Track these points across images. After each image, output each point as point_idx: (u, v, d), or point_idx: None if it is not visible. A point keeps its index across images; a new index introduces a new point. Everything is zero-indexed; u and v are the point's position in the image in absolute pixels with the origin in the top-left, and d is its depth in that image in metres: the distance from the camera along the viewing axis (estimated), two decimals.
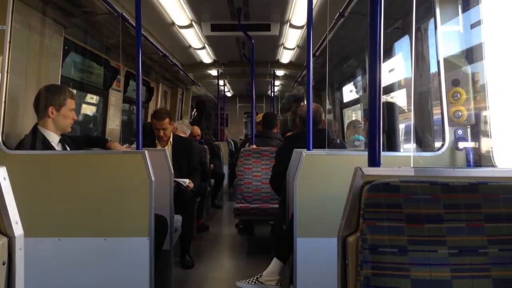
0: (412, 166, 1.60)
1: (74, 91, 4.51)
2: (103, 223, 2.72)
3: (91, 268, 2.70)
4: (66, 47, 4.09)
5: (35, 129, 3.01)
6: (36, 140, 2.98)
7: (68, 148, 3.14)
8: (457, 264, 1.40)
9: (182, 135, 5.29)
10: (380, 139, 1.63)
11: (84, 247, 2.69)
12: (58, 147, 3.05)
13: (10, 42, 2.74)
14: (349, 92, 7.08)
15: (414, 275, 1.39)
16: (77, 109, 3.79)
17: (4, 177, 1.37)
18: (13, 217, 1.37)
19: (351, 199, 1.51)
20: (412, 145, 3.03)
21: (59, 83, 3.80)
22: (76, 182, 2.74)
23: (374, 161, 1.64)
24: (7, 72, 2.74)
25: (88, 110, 5.78)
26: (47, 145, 2.98)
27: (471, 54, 3.08)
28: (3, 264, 1.33)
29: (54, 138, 3.04)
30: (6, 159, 2.67)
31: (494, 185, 1.46)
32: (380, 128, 1.62)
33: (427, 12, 3.25)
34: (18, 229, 1.38)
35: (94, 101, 5.68)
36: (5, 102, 2.73)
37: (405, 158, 2.87)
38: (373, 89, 1.61)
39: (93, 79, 5.40)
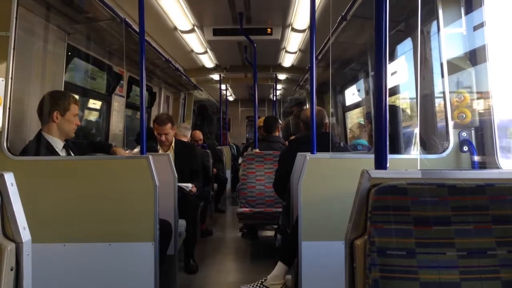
0: (418, 168, 1.59)
1: (77, 97, 4.52)
2: (108, 228, 2.72)
3: (96, 273, 2.69)
4: (70, 53, 4.10)
5: (39, 135, 3.02)
6: (40, 145, 2.98)
7: (72, 154, 3.15)
8: (465, 266, 1.40)
9: (183, 138, 5.30)
10: (386, 142, 1.63)
11: (89, 253, 2.69)
12: (62, 152, 3.06)
13: (14, 48, 2.75)
14: (351, 95, 7.08)
15: (423, 278, 1.38)
16: (80, 115, 3.79)
17: (12, 183, 1.37)
18: (20, 223, 1.37)
19: (358, 202, 1.51)
20: (418, 148, 3.02)
21: (62, 89, 3.81)
22: (81, 187, 2.74)
23: (380, 163, 1.64)
24: (12, 78, 2.75)
25: (91, 115, 5.79)
26: (51, 151, 2.99)
27: (475, 56, 3.07)
28: (11, 269, 1.33)
29: (58, 144, 3.05)
30: (11, 165, 2.67)
31: (501, 187, 1.45)
32: (387, 131, 1.62)
33: (429, 14, 3.25)
34: (25, 235, 1.38)
35: (97, 107, 5.69)
36: (9, 108, 2.73)
37: (410, 161, 2.87)
38: (379, 92, 1.61)
39: (96, 84, 5.42)
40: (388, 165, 1.67)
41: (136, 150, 4.49)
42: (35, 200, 2.64)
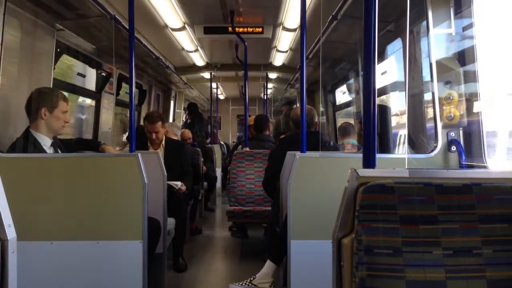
0: (406, 167, 1.60)
1: (66, 94, 4.48)
2: (96, 227, 2.71)
3: (83, 272, 2.68)
4: (59, 50, 4.07)
5: (27, 132, 2.99)
6: (28, 143, 2.96)
7: (60, 151, 3.12)
8: (451, 265, 1.41)
9: (174, 137, 5.28)
10: (375, 141, 1.64)
11: (77, 251, 2.67)
12: (50, 150, 3.04)
13: (2, 44, 2.72)
14: (342, 95, 7.10)
15: (409, 276, 1.39)
16: (69, 112, 3.76)
17: None
18: (6, 220, 1.36)
19: (346, 201, 1.51)
20: (406, 147, 3.04)
21: (51, 86, 3.78)
22: (69, 185, 2.72)
23: (369, 162, 1.65)
24: None
25: (80, 113, 5.75)
26: (39, 148, 2.96)
27: (463, 57, 3.10)
28: None
29: (46, 141, 3.02)
30: None
31: (487, 186, 1.46)
32: (375, 130, 1.62)
33: (419, 15, 3.27)
34: (11, 232, 1.37)
35: (86, 104, 5.65)
36: None
37: (398, 160, 2.88)
38: (367, 91, 1.61)
39: (85, 81, 5.37)
40: (376, 164, 1.68)
41: (126, 148, 4.46)
42: (22, 197, 2.62)
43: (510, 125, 2.98)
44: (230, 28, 5.45)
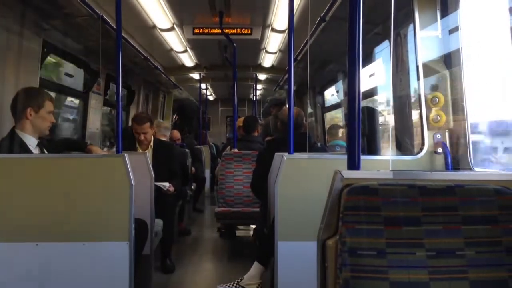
0: (390, 169, 1.61)
1: (53, 94, 4.45)
2: (82, 228, 2.68)
3: (69, 274, 2.65)
4: (45, 49, 4.03)
5: (12, 132, 2.96)
6: (13, 143, 2.92)
7: (46, 152, 3.09)
8: (434, 266, 1.42)
9: (162, 137, 5.26)
10: (359, 143, 1.64)
11: (62, 252, 2.64)
12: (36, 150, 3.01)
13: None
14: (330, 96, 7.13)
15: (393, 278, 1.40)
16: (57, 112, 3.73)
17: None
18: None
19: (331, 202, 1.51)
20: (390, 149, 3.06)
21: (37, 86, 3.75)
22: (54, 186, 2.70)
23: (353, 164, 1.65)
24: None
25: (68, 113, 5.70)
26: (25, 149, 2.93)
27: (450, 59, 3.13)
28: None
29: (31, 142, 2.99)
30: None
31: (470, 188, 1.48)
32: (360, 131, 1.63)
33: (406, 17, 3.29)
34: None
35: (73, 104, 5.61)
36: None
37: (384, 162, 2.90)
38: (352, 93, 1.62)
39: (73, 81, 5.34)
40: (361, 166, 1.68)
41: (114, 149, 4.44)
42: (7, 198, 2.59)
43: None
44: (219, 29, 5.44)
